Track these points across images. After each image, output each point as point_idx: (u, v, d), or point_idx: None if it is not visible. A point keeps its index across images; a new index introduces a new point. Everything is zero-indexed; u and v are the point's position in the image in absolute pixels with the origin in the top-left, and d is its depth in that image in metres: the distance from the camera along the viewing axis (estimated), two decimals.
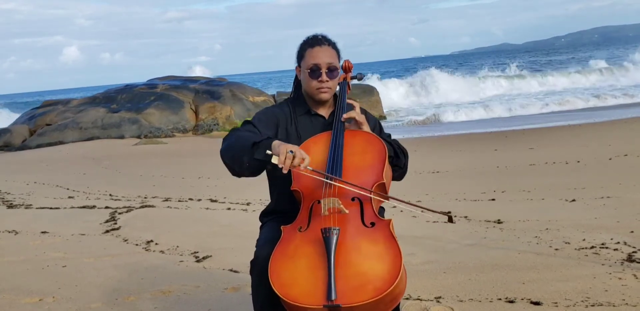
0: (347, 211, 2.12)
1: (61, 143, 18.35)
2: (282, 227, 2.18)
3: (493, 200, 6.17)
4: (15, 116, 24.37)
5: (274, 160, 2.14)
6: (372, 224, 2.10)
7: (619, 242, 4.14)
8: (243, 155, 2.24)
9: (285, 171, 2.14)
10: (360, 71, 2.72)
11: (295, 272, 1.98)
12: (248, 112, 19.86)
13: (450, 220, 2.21)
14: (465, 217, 5.39)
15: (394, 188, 2.48)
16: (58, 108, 21.26)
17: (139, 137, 18.40)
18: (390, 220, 2.11)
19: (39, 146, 18.42)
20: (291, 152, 2.11)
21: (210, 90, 20.64)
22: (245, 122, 2.48)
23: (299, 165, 2.12)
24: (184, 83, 21.86)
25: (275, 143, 2.23)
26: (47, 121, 20.21)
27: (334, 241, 1.99)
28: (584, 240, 4.28)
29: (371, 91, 21.23)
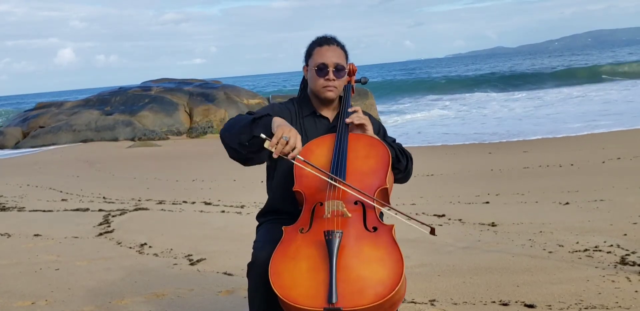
0: (350, 215, 2.09)
1: (54, 145, 18.30)
2: (283, 228, 2.14)
3: (487, 203, 6.18)
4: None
5: (266, 144, 2.06)
6: (375, 229, 2.08)
7: (612, 245, 4.15)
8: (242, 133, 2.17)
9: (275, 156, 2.06)
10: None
11: (296, 273, 1.95)
12: None
13: (433, 232, 2.14)
14: (460, 219, 5.39)
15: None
16: (51, 110, 21.23)
17: (132, 139, 18.36)
18: (392, 226, 2.08)
19: (32, 148, 18.35)
20: (285, 137, 2.05)
21: (205, 92, 20.62)
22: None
23: (288, 154, 2.06)
24: (178, 85, 21.84)
25: (276, 121, 2.15)
26: (41, 123, 20.16)
27: (337, 244, 1.97)
28: (577, 242, 4.29)
29: (366, 94, 21.26)
